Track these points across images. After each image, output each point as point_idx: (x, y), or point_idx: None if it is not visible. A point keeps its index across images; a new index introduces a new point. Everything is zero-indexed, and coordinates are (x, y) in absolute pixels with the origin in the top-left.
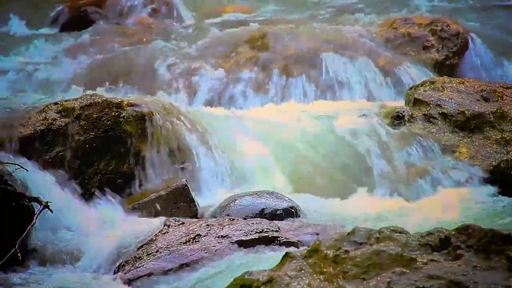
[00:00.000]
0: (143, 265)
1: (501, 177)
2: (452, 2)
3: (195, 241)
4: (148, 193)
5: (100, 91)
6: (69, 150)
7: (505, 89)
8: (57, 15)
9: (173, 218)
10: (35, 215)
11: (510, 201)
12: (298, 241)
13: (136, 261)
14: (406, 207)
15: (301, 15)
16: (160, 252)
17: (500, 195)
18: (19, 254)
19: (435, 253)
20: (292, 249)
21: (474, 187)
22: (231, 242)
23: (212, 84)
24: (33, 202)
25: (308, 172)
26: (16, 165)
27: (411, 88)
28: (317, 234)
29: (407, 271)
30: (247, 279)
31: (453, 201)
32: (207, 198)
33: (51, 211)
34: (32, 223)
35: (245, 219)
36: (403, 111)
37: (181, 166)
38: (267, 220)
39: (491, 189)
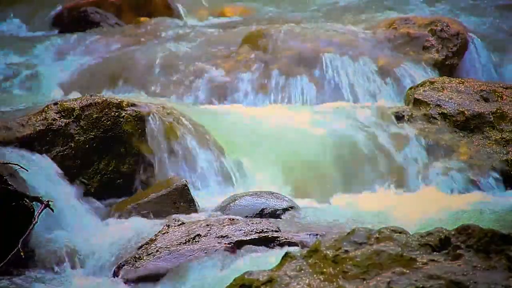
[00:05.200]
0: (143, 265)
1: (500, 177)
2: (452, 2)
3: (195, 241)
4: (148, 193)
5: (100, 91)
6: (69, 150)
7: (504, 89)
8: (57, 16)
9: (173, 218)
10: (37, 214)
11: (510, 201)
12: (298, 241)
13: (136, 261)
14: (406, 207)
15: (301, 15)
16: (160, 252)
17: (499, 195)
18: (22, 253)
19: (435, 253)
20: (292, 249)
21: (473, 187)
22: (231, 242)
23: (212, 84)
24: (34, 202)
25: (308, 172)
26: (16, 165)
27: (411, 88)
28: (317, 234)
29: (407, 271)
30: (247, 279)
31: (453, 201)
32: (207, 198)
33: (52, 210)
34: (34, 222)
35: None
36: (403, 111)
37: (181, 166)
38: (267, 220)
39: (491, 189)
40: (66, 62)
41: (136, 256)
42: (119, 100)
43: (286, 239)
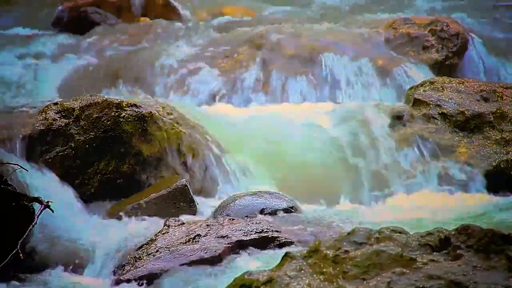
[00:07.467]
0: (143, 265)
1: (500, 177)
2: (452, 2)
3: (195, 241)
4: (148, 193)
5: (100, 91)
6: (69, 150)
7: (504, 89)
8: (57, 15)
9: (173, 218)
10: (36, 215)
11: (509, 201)
12: (298, 241)
13: (136, 261)
14: (406, 207)
15: (301, 15)
16: (160, 252)
17: (499, 195)
18: (21, 255)
19: (435, 253)
20: (292, 249)
21: (474, 187)
22: (231, 242)
23: (212, 84)
24: (33, 202)
25: (308, 172)
26: (16, 165)
27: (411, 88)
28: (317, 234)
29: (407, 271)
30: (247, 279)
31: (453, 201)
32: (207, 198)
33: (52, 211)
34: (33, 223)
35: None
36: (403, 111)
37: (181, 166)
38: (267, 220)
39: (491, 189)
40: (66, 62)
41: (136, 256)
42: (119, 100)
43: (286, 239)
